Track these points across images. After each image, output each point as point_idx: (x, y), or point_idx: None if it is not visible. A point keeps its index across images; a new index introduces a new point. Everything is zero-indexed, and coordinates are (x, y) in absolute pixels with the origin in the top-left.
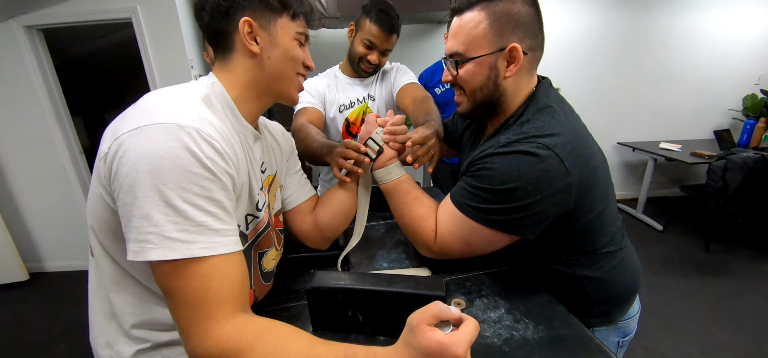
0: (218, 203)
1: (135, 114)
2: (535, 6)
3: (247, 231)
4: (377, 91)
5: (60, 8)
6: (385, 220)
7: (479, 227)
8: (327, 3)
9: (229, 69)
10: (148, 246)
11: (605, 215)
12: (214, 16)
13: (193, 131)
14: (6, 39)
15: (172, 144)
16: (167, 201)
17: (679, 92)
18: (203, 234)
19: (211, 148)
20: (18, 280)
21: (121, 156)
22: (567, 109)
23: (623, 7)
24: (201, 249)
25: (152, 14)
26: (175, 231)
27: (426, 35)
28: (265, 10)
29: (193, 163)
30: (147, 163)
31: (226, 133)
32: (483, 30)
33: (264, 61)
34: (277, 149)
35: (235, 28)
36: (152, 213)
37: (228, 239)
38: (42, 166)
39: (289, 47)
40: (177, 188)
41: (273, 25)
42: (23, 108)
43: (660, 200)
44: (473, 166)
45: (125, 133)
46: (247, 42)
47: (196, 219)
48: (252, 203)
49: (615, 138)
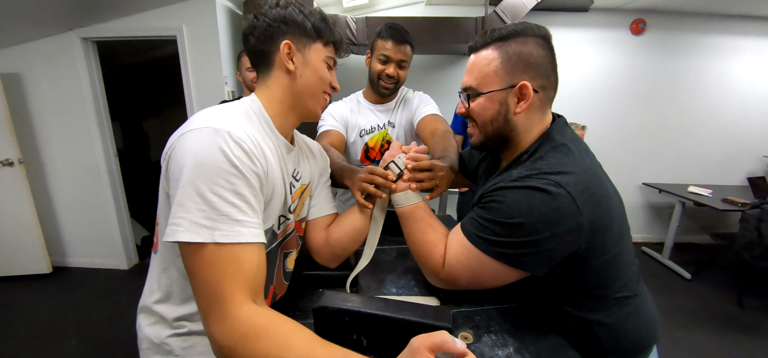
0: (242, 196)
1: (190, 120)
2: (548, 48)
3: (279, 230)
4: (398, 118)
5: (115, 24)
6: (396, 245)
7: (487, 259)
8: (356, 32)
9: (268, 86)
10: (178, 229)
11: (619, 258)
12: (261, 39)
13: (225, 134)
14: (65, 48)
15: (207, 144)
16: (199, 192)
17: (708, 136)
18: (225, 223)
19: (240, 149)
20: (41, 272)
21: (172, 155)
22: (582, 148)
23: (650, 49)
24: (222, 236)
25: (195, 33)
26: (201, 218)
27: (450, 66)
28: (303, 36)
29: (223, 161)
30: (187, 160)
31: (259, 141)
32: (495, 67)
33: (297, 78)
34: (313, 162)
35: (276, 49)
36: (185, 201)
37: (248, 230)
38: (78, 165)
39: (319, 68)
40: (208, 181)
41: (307, 49)
42: (69, 110)
43: (688, 247)
44: (484, 198)
45: (177, 137)
46: (285, 61)
47: (220, 209)
48: (285, 205)
49: (640, 178)
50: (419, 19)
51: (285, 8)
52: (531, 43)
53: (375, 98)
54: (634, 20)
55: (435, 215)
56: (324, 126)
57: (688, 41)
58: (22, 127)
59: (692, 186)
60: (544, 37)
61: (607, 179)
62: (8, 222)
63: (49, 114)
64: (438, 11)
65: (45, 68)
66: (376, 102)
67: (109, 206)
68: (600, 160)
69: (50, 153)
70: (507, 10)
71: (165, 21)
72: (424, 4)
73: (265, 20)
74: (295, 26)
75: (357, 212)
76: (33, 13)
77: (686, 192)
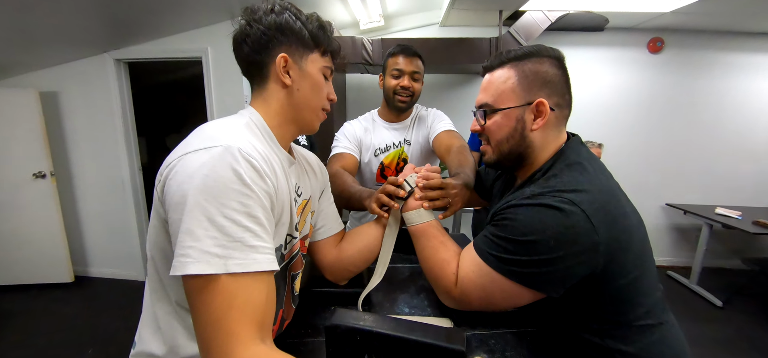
0: (256, 219)
1: (188, 141)
2: (562, 68)
3: (285, 251)
4: (413, 136)
5: (146, 46)
6: (410, 264)
7: (500, 278)
8: (372, 53)
9: (265, 98)
10: (188, 260)
11: (641, 282)
12: (255, 49)
13: (235, 151)
14: (99, 68)
15: (215, 163)
16: (208, 216)
17: (737, 155)
18: (239, 250)
19: (251, 167)
20: (63, 281)
21: (172, 177)
22: (597, 166)
23: (669, 67)
24: (236, 265)
25: (220, 54)
26: (213, 246)
27: (465, 84)
28: (299, 47)
29: (234, 180)
30: (193, 182)
31: (268, 155)
32: (512, 85)
33: (294, 92)
34: (313, 177)
35: (272, 60)
36: (194, 228)
37: (263, 256)
38: (104, 178)
39: (317, 80)
40: (218, 204)
41: (304, 60)
42: (100, 126)
43: (718, 272)
44: (497, 216)
45: (176, 158)
46: (281, 75)
47: (233, 234)
48: (292, 223)
49: (663, 199)
50: (434, 40)
51: (280, 14)
52: (546, 63)
53: (390, 116)
54: (652, 39)
55: (448, 234)
56: (337, 148)
57: (709, 59)
58: (55, 141)
59: (720, 208)
60: (558, 58)
61: (624, 199)
62: (37, 232)
63: (80, 129)
64: (453, 32)
65: (80, 87)
66: (392, 120)
67: (132, 218)
68: (621, 179)
69: (79, 166)
70: (521, 31)
71: (192, 43)
72: (438, 26)
73: (259, 27)
74: (292, 35)
75: (369, 229)
76: (73, 36)
77: (713, 214)
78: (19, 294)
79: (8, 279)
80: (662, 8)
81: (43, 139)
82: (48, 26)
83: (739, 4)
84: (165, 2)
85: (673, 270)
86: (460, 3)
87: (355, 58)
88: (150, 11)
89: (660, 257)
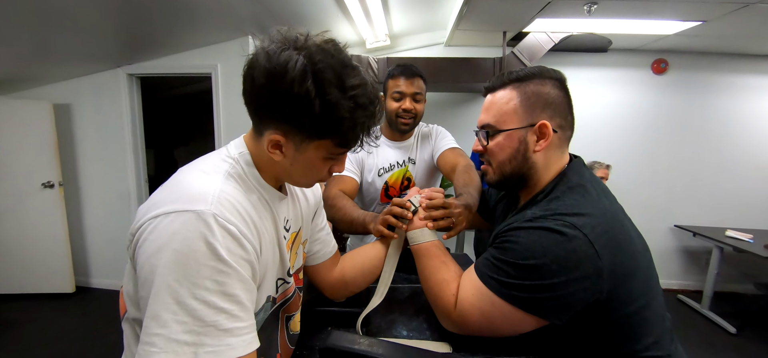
0: (233, 297)
1: (162, 195)
2: (564, 90)
3: (276, 295)
4: (417, 155)
5: (159, 61)
6: (410, 283)
7: (500, 302)
8: (378, 72)
9: (259, 142)
10: (153, 350)
11: (648, 311)
12: (248, 100)
13: (210, 218)
14: (112, 83)
15: (187, 235)
16: (177, 298)
17: (747, 177)
18: (211, 335)
19: (229, 236)
20: (65, 291)
21: (141, 244)
22: (600, 189)
23: (674, 88)
24: (207, 353)
25: (229, 71)
26: (181, 333)
27: (469, 103)
28: (304, 131)
29: (208, 256)
30: (161, 257)
31: (249, 209)
32: (514, 106)
33: (288, 165)
34: (304, 203)
35: (263, 126)
36: (161, 312)
37: (239, 339)
38: (111, 189)
39: (317, 165)
40: (189, 284)
41: (306, 144)
42: (109, 138)
43: (731, 297)
44: (498, 238)
45: (147, 220)
46: (269, 151)
47: (206, 319)
48: (284, 267)
49: (672, 220)
50: (439, 60)
51: (292, 84)
52: (548, 85)
53: (393, 135)
54: (655, 60)
55: (450, 254)
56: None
57: (714, 80)
58: (65, 151)
59: (730, 230)
60: (560, 80)
61: (629, 223)
62: (41, 241)
63: (90, 141)
64: (457, 52)
65: (92, 100)
66: (395, 139)
67: None
68: (627, 200)
69: (87, 177)
70: (525, 52)
71: (203, 59)
72: (443, 46)
73: (260, 81)
74: (305, 115)
75: (372, 249)
76: (90, 52)
77: (724, 236)
78: (20, 303)
79: (10, 288)
80: (665, 31)
81: (54, 149)
82: (67, 43)
83: (742, 28)
84: (179, 20)
85: (683, 294)
86: (464, 24)
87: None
88: (164, 29)
89: (670, 280)
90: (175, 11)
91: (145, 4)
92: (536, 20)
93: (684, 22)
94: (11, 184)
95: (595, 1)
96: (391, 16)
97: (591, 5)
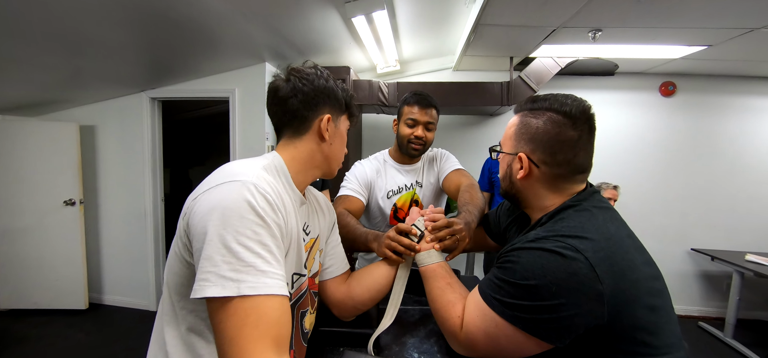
0: (267, 247)
1: (211, 177)
2: (562, 126)
3: (293, 290)
4: (424, 179)
5: (180, 86)
6: (420, 306)
7: (503, 323)
8: (388, 95)
9: (296, 146)
10: (207, 284)
11: (657, 338)
12: (304, 104)
13: (251, 185)
14: (136, 105)
15: (233, 196)
16: (225, 243)
17: (763, 200)
18: (251, 274)
19: (264, 200)
20: (78, 307)
21: (196, 210)
22: (608, 215)
23: (683, 110)
24: (248, 288)
25: (246, 95)
26: (228, 270)
27: (478, 125)
28: (337, 109)
29: (248, 211)
30: (213, 213)
31: (280, 193)
32: (511, 134)
33: (328, 145)
34: (322, 215)
35: (316, 116)
36: (213, 254)
37: (273, 281)
38: (128, 207)
39: (344, 138)
40: (234, 232)
41: (339, 120)
42: (130, 158)
43: (755, 325)
44: (501, 258)
45: (199, 194)
46: (323, 130)
47: (246, 259)
48: (300, 261)
49: (688, 244)
50: (447, 84)
51: (327, 81)
52: (545, 118)
53: (402, 159)
54: (663, 83)
55: (456, 276)
56: (344, 189)
57: (723, 102)
58: (88, 171)
59: (750, 254)
60: (567, 114)
61: (635, 249)
62: (59, 258)
63: (111, 160)
64: (465, 76)
65: (116, 122)
66: (403, 162)
67: (150, 248)
68: (641, 222)
69: (106, 195)
70: (532, 76)
71: (222, 84)
72: (452, 70)
73: (311, 87)
74: (335, 100)
75: (379, 268)
76: (118, 77)
77: (743, 261)
78: (34, 319)
79: (25, 303)
80: (671, 55)
81: (78, 168)
82: (98, 69)
83: (748, 52)
84: (202, 48)
85: (705, 321)
86: (472, 50)
87: (371, 100)
88: (187, 56)
89: (690, 306)
90: (199, 40)
91: (172, 33)
92: (542, 46)
93: (689, 47)
94: (35, 201)
95: (599, 28)
96: (401, 43)
97: (595, 32)
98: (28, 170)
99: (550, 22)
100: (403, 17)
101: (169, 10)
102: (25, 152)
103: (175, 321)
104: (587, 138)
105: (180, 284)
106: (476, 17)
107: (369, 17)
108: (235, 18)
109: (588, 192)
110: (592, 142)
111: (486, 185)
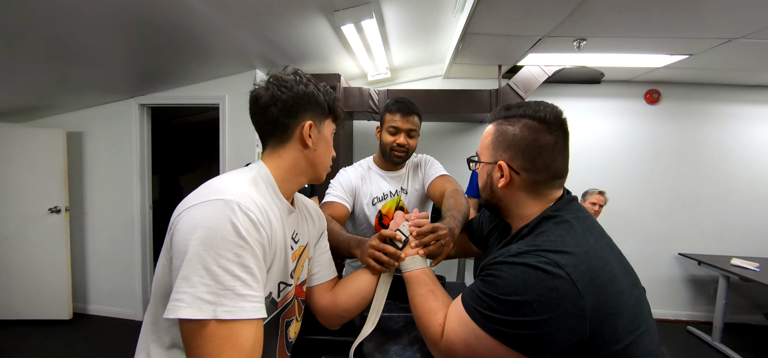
0: (248, 269)
1: (195, 194)
2: (539, 133)
3: (279, 298)
4: (409, 185)
5: (170, 92)
6: (405, 312)
7: (484, 335)
8: (378, 103)
9: (280, 155)
10: (181, 305)
11: (637, 348)
12: (284, 112)
13: (235, 205)
14: (124, 112)
15: (216, 216)
16: (204, 265)
17: (751, 205)
18: (228, 298)
19: (247, 219)
20: (62, 318)
21: (179, 226)
22: (588, 225)
23: (668, 118)
24: (224, 312)
25: (236, 102)
26: (205, 292)
27: (467, 132)
28: (320, 114)
29: (231, 233)
30: (195, 232)
31: (266, 208)
32: (488, 143)
33: (312, 152)
34: (311, 223)
35: (297, 123)
36: (190, 274)
37: (250, 304)
38: (115, 215)
39: (330, 142)
40: (215, 254)
41: (322, 125)
42: (117, 164)
43: (742, 328)
44: (484, 271)
45: (183, 210)
46: (305, 137)
47: (225, 283)
48: (286, 271)
49: (675, 248)
50: (437, 91)
51: (307, 86)
52: (520, 125)
53: (386, 166)
54: (648, 91)
55: (439, 283)
56: (330, 195)
57: (707, 110)
58: (74, 177)
59: (736, 258)
60: (542, 120)
61: (616, 260)
62: (43, 267)
63: (99, 167)
64: (455, 84)
65: (104, 128)
66: (388, 169)
67: (137, 256)
68: (628, 228)
69: (93, 202)
70: (520, 84)
71: (211, 91)
72: (442, 78)
73: (290, 94)
74: (316, 105)
75: (363, 275)
76: (106, 83)
77: (729, 265)
78: (16, 330)
79: (7, 313)
80: (654, 64)
81: (64, 175)
82: (86, 76)
83: (728, 60)
84: (191, 55)
85: (693, 325)
86: (461, 58)
87: (362, 107)
88: (177, 63)
89: (679, 311)
90: (188, 47)
91: (161, 40)
92: (529, 55)
93: (671, 56)
94: (19, 208)
95: (583, 37)
96: (391, 51)
97: (580, 41)
98: (12, 177)
99: (536, 32)
100: (392, 26)
101: (158, 17)
102: (10, 159)
103: (159, 337)
104: (563, 143)
105: (165, 296)
106: (464, 26)
107: (358, 26)
108: (225, 25)
109: (565, 200)
110: (567, 147)
111: (474, 191)
